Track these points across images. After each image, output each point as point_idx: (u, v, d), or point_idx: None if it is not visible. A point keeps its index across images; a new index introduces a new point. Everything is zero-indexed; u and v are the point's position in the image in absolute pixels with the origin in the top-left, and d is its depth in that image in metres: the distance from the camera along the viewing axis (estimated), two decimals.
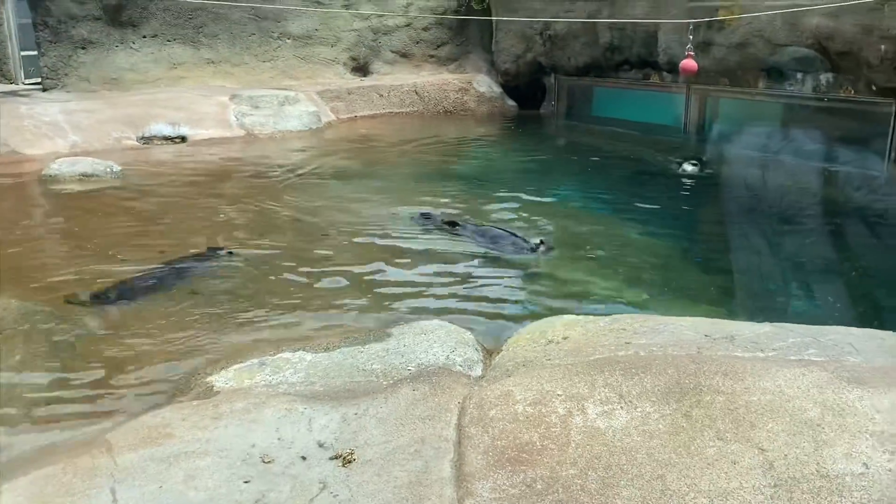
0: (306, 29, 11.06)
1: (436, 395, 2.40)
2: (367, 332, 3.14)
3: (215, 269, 4.27)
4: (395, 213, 5.49)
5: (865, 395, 2.04)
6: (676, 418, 2.06)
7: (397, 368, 2.69)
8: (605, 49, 9.55)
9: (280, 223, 5.24)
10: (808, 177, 6.63)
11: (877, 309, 3.74)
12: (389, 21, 11.37)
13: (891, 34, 6.07)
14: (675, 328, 2.71)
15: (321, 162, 7.40)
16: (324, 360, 2.88)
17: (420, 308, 3.73)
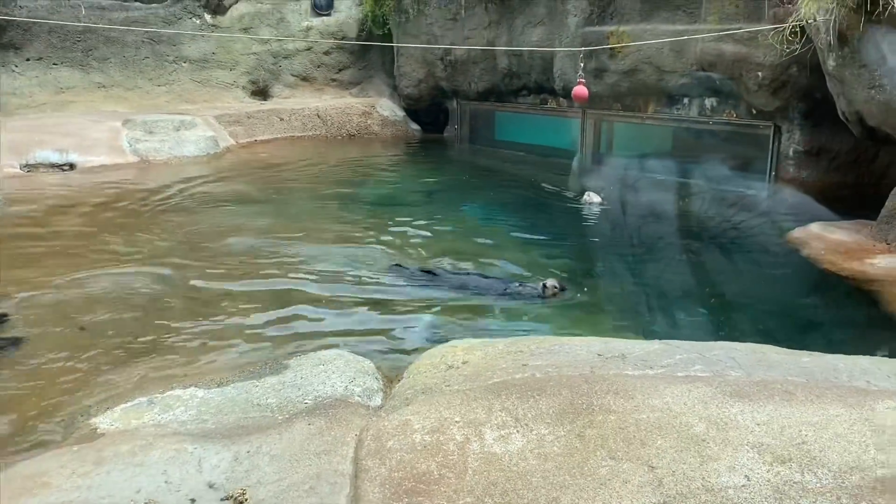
0: (203, 52, 10.82)
1: (332, 428, 2.35)
2: (262, 365, 3.05)
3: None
4: (299, 240, 5.39)
5: (746, 409, 2.12)
6: (570, 439, 2.09)
7: (293, 402, 2.62)
8: (504, 75, 9.77)
9: (173, 252, 5.04)
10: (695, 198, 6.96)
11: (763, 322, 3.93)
12: (289, 45, 11.26)
13: (766, 62, 6.46)
14: (570, 348, 2.76)
15: (218, 188, 7.21)
16: (216, 396, 2.77)
17: (321, 338, 3.66)
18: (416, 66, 10.92)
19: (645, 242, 5.45)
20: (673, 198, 6.95)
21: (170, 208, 6.32)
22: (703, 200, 6.90)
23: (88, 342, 3.52)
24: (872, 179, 6.65)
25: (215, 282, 4.43)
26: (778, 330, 3.74)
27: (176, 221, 5.87)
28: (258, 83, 11.27)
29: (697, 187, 7.27)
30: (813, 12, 5.31)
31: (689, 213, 6.56)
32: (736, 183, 7.13)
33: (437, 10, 10.12)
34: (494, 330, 3.78)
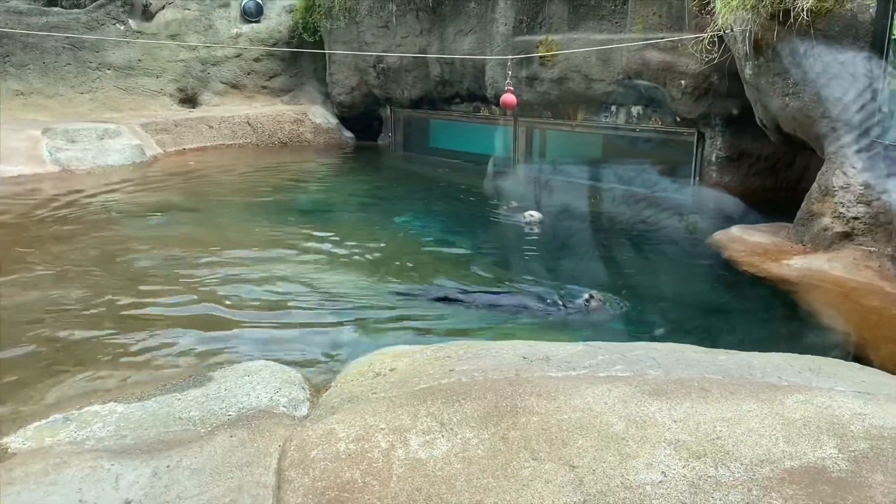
0: (128, 59, 10.54)
1: (255, 439, 2.31)
2: (186, 378, 2.97)
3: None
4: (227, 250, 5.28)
5: (664, 407, 2.18)
6: (494, 442, 2.10)
7: (216, 414, 2.56)
8: (437, 82, 9.82)
9: (92, 263, 4.87)
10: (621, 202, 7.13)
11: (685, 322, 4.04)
12: (218, 52, 11.07)
13: (689, 70, 6.67)
14: (496, 352, 2.78)
15: (143, 197, 7.02)
16: (137, 410, 2.69)
17: (250, 347, 3.59)
18: (348, 74, 10.88)
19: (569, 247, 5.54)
20: (599, 202, 7.11)
21: (90, 218, 6.12)
22: (629, 204, 7.07)
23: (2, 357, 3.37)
24: (790, 183, 6.94)
25: (137, 293, 4.31)
26: (698, 329, 3.86)
27: (96, 232, 5.67)
28: (186, 91, 11.03)
29: (624, 192, 7.45)
30: (730, 23, 5.51)
31: (614, 217, 6.71)
32: (662, 187, 7.33)
33: (368, 17, 10.11)
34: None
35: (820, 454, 1.93)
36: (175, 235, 5.67)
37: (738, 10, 5.31)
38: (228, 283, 4.50)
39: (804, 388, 2.33)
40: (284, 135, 10.68)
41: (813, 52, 4.96)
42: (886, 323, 3.67)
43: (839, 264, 4.54)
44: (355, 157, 10.33)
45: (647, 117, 7.62)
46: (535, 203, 7.07)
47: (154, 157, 8.94)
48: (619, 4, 7.38)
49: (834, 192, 4.84)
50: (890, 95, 4.64)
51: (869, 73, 4.74)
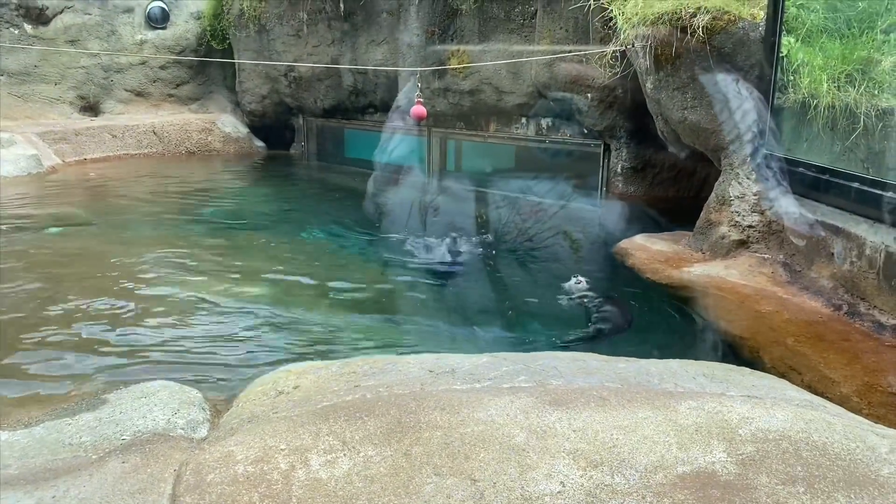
0: (24, 65, 10.04)
1: (149, 464, 2.21)
2: (78, 401, 2.83)
3: None
4: (127, 264, 5.08)
5: (564, 416, 2.21)
6: (397, 458, 2.08)
7: (109, 439, 2.45)
8: (350, 92, 9.77)
9: None
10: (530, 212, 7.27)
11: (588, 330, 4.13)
12: (122, 59, 10.67)
13: (594, 84, 6.86)
14: (402, 367, 2.77)
15: (36, 210, 6.68)
16: (23, 437, 2.54)
17: (149, 367, 3.46)
18: (258, 82, 10.69)
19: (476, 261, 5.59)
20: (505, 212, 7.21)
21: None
22: (538, 214, 7.21)
23: None
24: (691, 193, 7.22)
25: (28, 311, 4.08)
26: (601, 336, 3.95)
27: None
28: (88, 98, 10.59)
29: (533, 202, 7.59)
30: (631, 38, 5.70)
31: (522, 226, 6.82)
32: (570, 198, 7.50)
33: (278, 25, 9.96)
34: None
35: (710, 459, 2.00)
36: (71, 250, 5.41)
37: (638, 26, 5.50)
38: (127, 300, 4.33)
39: (697, 394, 2.41)
40: (192, 144, 10.39)
41: (708, 69, 5.19)
42: (777, 327, 3.85)
43: (736, 271, 4.75)
44: (266, 167, 10.14)
45: (556, 129, 7.79)
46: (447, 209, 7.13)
47: (52, 167, 8.53)
48: (528, 18, 7.52)
49: (730, 201, 5.07)
50: (779, 110, 4.90)
51: (759, 89, 4.99)
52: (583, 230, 6.62)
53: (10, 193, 7.35)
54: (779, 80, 4.87)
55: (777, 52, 4.82)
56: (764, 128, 4.99)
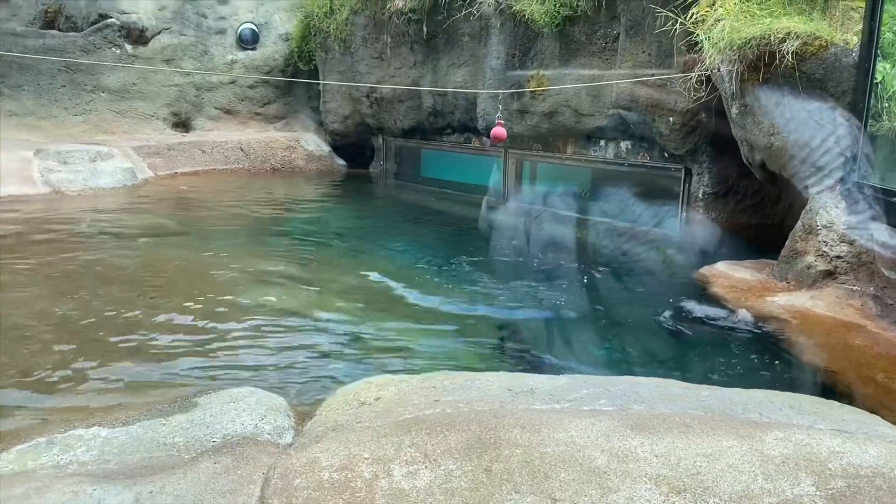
0: (123, 82, 10.61)
1: (239, 466, 2.31)
2: (171, 403, 2.97)
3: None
4: (215, 273, 5.29)
5: (646, 441, 2.20)
6: (478, 474, 2.11)
7: (200, 440, 2.56)
8: (430, 113, 9.93)
9: (81, 282, 4.88)
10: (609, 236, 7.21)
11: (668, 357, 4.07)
12: (213, 77, 11.16)
13: (677, 107, 6.79)
14: (482, 384, 2.80)
15: (131, 220, 7.03)
16: (121, 435, 2.68)
17: (236, 374, 3.60)
18: (342, 103, 10.99)
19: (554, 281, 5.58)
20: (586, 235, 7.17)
21: (78, 240, 6.12)
22: (615, 238, 7.14)
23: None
24: (776, 220, 7.03)
25: (123, 316, 4.31)
26: (682, 363, 3.89)
27: (82, 253, 5.68)
28: (180, 115, 11.10)
29: (611, 226, 7.52)
30: (717, 63, 5.63)
31: (601, 250, 6.77)
32: (649, 222, 7.41)
33: (362, 48, 10.24)
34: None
35: (798, 491, 1.95)
36: (163, 259, 5.67)
37: (724, 51, 5.43)
38: (215, 308, 4.51)
39: (784, 426, 2.36)
40: (277, 161, 10.74)
41: (797, 95, 5.08)
42: (868, 361, 3.72)
43: (822, 302, 4.60)
44: (346, 185, 10.39)
45: (635, 152, 7.72)
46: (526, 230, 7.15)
47: (145, 180, 8.97)
48: (610, 41, 7.52)
49: (817, 230, 4.92)
50: (872, 137, 4.74)
51: (851, 116, 4.85)
52: (662, 255, 6.52)
53: (107, 203, 7.76)
54: (872, 107, 4.73)
55: (871, 79, 4.68)
56: (855, 155, 4.84)
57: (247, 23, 11.35)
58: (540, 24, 7.79)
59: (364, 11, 10.07)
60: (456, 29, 9.01)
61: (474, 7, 8.52)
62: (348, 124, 11.15)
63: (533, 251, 6.44)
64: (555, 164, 8.64)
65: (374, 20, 10.01)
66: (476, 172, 9.83)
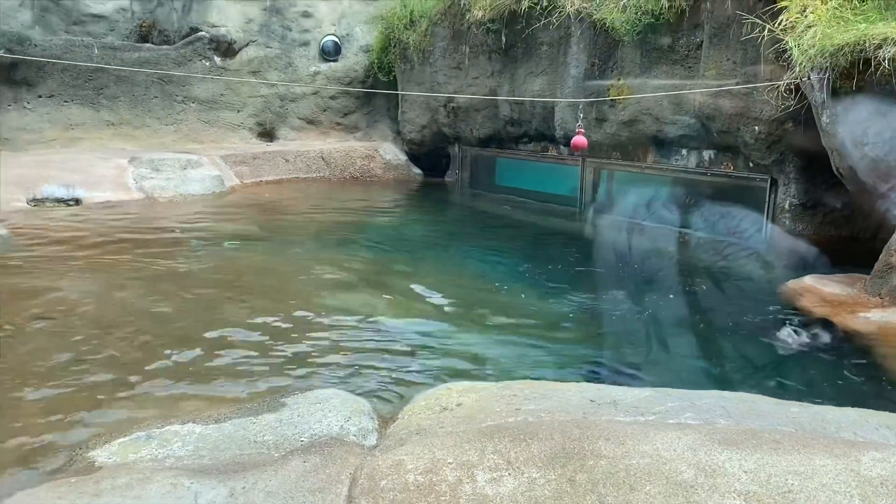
0: (212, 93, 11.04)
1: (327, 466, 2.38)
2: (260, 403, 3.09)
3: None
4: (299, 279, 5.46)
5: (734, 457, 2.16)
6: (561, 483, 2.12)
7: (289, 439, 2.66)
8: (506, 122, 9.96)
9: (176, 285, 5.10)
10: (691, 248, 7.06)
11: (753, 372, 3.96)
12: (297, 89, 11.49)
13: (762, 117, 6.60)
14: (562, 394, 2.80)
15: (222, 226, 7.31)
16: (214, 432, 2.81)
17: (319, 376, 3.69)
18: (419, 112, 11.13)
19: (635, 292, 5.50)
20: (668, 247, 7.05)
21: (171, 243, 6.40)
22: (699, 250, 6.99)
23: (86, 373, 3.55)
24: (867, 233, 6.74)
25: (212, 317, 4.49)
26: (769, 379, 3.78)
27: (176, 255, 5.94)
28: (265, 125, 11.47)
29: (694, 237, 7.37)
30: (807, 70, 5.46)
31: (685, 262, 6.64)
32: (732, 234, 7.22)
33: (441, 58, 10.35)
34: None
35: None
36: (248, 263, 5.88)
37: (815, 58, 5.27)
38: (296, 311, 4.64)
39: (881, 446, 2.28)
40: (356, 170, 10.97)
41: (893, 103, 4.87)
42: None
43: None
44: (423, 193, 10.52)
45: (719, 162, 7.55)
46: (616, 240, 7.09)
47: (232, 187, 9.31)
48: (693, 49, 7.38)
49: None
50: None
51: None
52: (747, 268, 6.35)
53: (196, 209, 8.10)
54: None
55: None
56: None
57: (329, 35, 11.65)
58: (620, 32, 7.72)
59: (443, 23, 10.20)
60: (535, 38, 9.01)
61: (554, 16, 8.51)
62: (425, 134, 11.29)
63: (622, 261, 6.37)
64: (635, 172, 8.52)
65: (453, 31, 10.12)
66: (552, 181, 9.78)
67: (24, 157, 8.79)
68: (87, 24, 12.63)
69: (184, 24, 11.36)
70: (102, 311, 4.52)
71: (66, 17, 12.53)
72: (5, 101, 9.59)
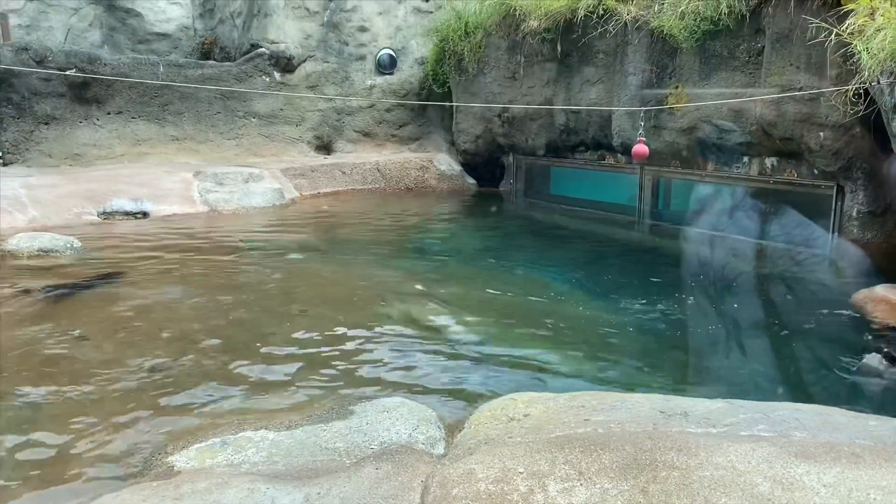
0: (272, 108, 11.29)
1: (399, 473, 2.42)
2: (329, 410, 3.15)
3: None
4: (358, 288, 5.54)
5: (812, 470, 2.12)
6: (634, 494, 2.11)
7: (360, 447, 2.71)
8: (562, 131, 9.93)
9: (240, 298, 5.24)
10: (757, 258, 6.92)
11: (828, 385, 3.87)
12: (353, 102, 11.67)
13: (829, 122, 6.45)
14: (631, 405, 2.79)
15: (284, 238, 7.47)
16: (286, 438, 2.88)
17: (383, 384, 3.75)
18: (473, 123, 11.18)
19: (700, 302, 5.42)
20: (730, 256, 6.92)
21: (236, 254, 6.58)
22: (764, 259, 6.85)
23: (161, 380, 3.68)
24: None
25: (280, 325, 4.59)
26: (842, 393, 3.68)
27: (242, 266, 6.09)
28: (322, 138, 11.68)
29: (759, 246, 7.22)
30: (876, 74, 5.32)
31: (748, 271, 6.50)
32: (799, 243, 7.05)
33: (495, 68, 10.39)
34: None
35: None
36: (309, 273, 6.00)
37: (885, 62, 5.13)
38: (357, 320, 4.72)
39: None
40: (411, 181, 11.08)
41: None
42: None
43: None
44: (477, 203, 10.56)
45: (782, 169, 7.39)
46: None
47: (292, 199, 9.50)
48: (754, 55, 7.25)
49: None
50: None
51: None
52: (814, 278, 6.19)
53: (258, 221, 8.29)
54: None
55: None
56: None
57: (385, 48, 11.81)
58: (679, 39, 7.63)
59: (498, 33, 10.24)
60: (590, 46, 8.98)
61: (610, 24, 8.47)
62: (479, 144, 11.33)
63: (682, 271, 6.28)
64: (694, 181, 8.40)
65: (508, 41, 10.15)
66: (609, 190, 9.71)
67: (94, 171, 9.14)
68: (151, 43, 13.11)
69: (244, 41, 11.67)
70: (173, 320, 4.66)
71: (133, 36, 13.04)
72: (77, 118, 9.99)
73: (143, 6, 13.02)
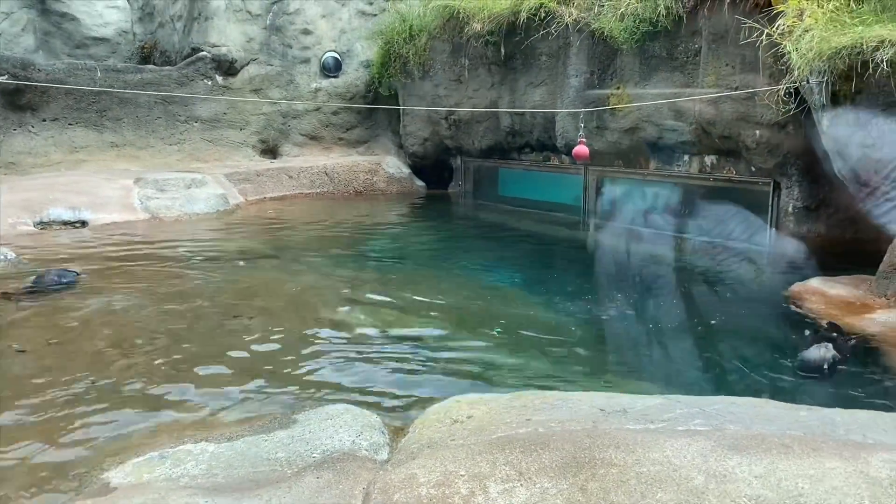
0: (214, 112, 11.11)
1: (340, 481, 2.40)
2: (272, 420, 3.11)
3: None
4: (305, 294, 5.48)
5: (744, 462, 2.17)
6: (573, 493, 2.13)
7: (302, 456, 2.68)
8: (507, 133, 10.01)
9: (181, 307, 5.13)
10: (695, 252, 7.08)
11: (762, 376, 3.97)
12: (299, 105, 11.56)
13: (763, 121, 6.63)
14: (573, 403, 2.82)
15: (226, 244, 7.35)
16: (227, 450, 2.83)
17: (328, 391, 3.71)
18: (421, 125, 11.19)
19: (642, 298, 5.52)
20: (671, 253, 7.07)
21: (179, 262, 6.44)
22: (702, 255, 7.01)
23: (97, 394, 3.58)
24: (871, 234, 6.73)
25: (224, 333, 4.51)
26: (777, 383, 3.79)
27: (185, 274, 5.97)
28: (268, 142, 11.54)
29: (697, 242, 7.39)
30: (806, 74, 5.49)
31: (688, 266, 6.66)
32: (736, 238, 7.24)
33: (441, 71, 10.42)
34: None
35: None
36: (254, 281, 5.91)
37: (813, 62, 5.30)
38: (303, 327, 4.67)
39: (891, 448, 2.29)
40: (359, 184, 11.03)
41: (893, 104, 4.90)
42: None
43: None
44: (426, 206, 10.56)
45: (721, 167, 7.57)
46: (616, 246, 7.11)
47: (236, 205, 9.36)
48: (692, 56, 7.41)
49: None
50: None
51: None
52: (752, 272, 6.36)
53: (202, 228, 8.14)
54: None
55: None
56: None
57: (330, 51, 11.74)
58: (619, 40, 7.76)
59: (442, 36, 10.26)
60: (533, 49, 9.07)
61: (552, 27, 8.57)
62: (427, 146, 11.34)
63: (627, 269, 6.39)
64: (637, 180, 8.55)
65: (452, 44, 10.19)
66: (554, 190, 9.82)
67: (29, 180, 8.86)
68: (89, 48, 12.78)
69: (185, 45, 11.47)
70: (113, 330, 4.54)
71: (69, 40, 12.69)
72: (10, 126, 9.68)
73: (79, 10, 12.68)
